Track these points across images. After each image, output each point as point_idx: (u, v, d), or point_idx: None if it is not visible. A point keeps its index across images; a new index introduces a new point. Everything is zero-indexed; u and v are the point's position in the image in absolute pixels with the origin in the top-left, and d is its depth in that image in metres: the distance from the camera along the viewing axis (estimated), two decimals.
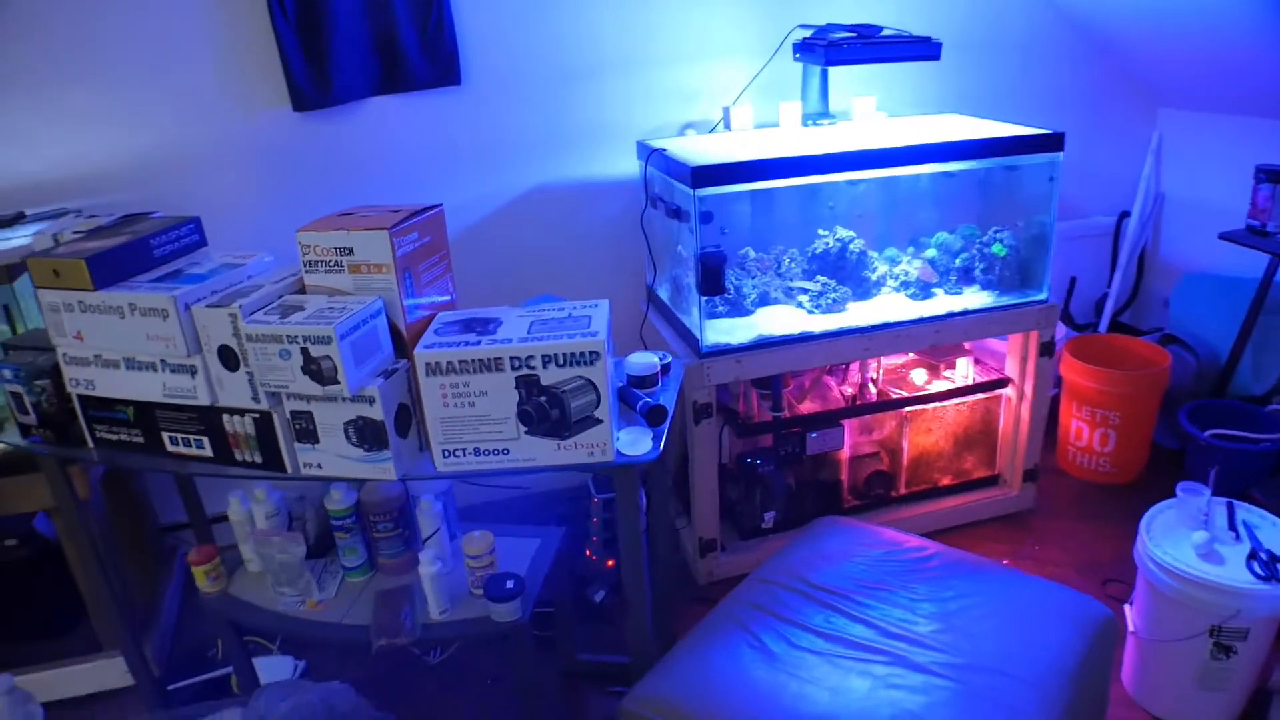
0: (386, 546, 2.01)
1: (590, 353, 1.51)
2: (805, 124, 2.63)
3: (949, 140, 2.32)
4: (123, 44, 2.29)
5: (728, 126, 2.67)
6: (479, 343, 1.54)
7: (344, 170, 2.54)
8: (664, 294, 2.63)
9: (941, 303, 2.51)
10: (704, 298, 2.24)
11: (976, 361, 2.77)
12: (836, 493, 2.64)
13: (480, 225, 2.70)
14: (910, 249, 2.70)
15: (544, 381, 1.53)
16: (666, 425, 1.69)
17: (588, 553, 2.54)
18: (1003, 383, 2.66)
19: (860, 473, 2.66)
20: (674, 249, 2.47)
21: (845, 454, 2.61)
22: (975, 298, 2.54)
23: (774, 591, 1.85)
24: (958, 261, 2.60)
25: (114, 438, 1.79)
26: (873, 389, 2.67)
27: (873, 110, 2.76)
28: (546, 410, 1.55)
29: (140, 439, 1.77)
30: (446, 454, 1.60)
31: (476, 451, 1.60)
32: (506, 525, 2.17)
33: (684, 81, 2.71)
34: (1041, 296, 2.53)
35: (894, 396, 2.60)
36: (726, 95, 2.74)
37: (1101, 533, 2.64)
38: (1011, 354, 2.66)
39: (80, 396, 1.77)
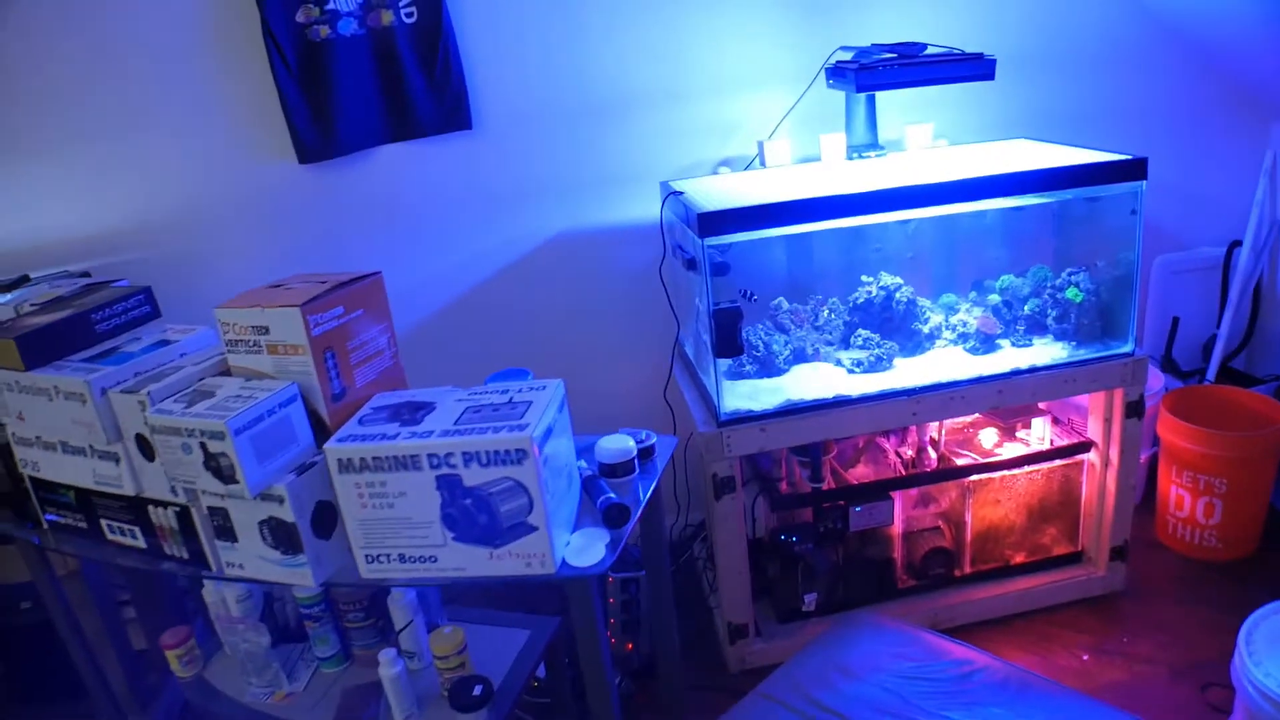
0: (359, 637, 1.80)
1: (516, 451, 1.23)
2: (850, 157, 2.28)
3: (1004, 172, 1.93)
4: (126, 102, 2.18)
5: (763, 163, 2.35)
6: (396, 436, 1.28)
7: (354, 222, 2.37)
8: (690, 351, 2.32)
9: (1006, 357, 2.12)
10: (719, 359, 1.92)
11: (1055, 421, 2.34)
12: (889, 573, 2.26)
13: (497, 278, 2.48)
14: (972, 294, 2.31)
15: (467, 482, 1.27)
16: (630, 527, 1.39)
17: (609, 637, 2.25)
18: (1084, 447, 2.23)
19: (918, 549, 2.27)
20: (692, 303, 2.16)
21: (898, 529, 2.24)
22: (1047, 350, 2.13)
23: (770, 711, 1.53)
24: (1026, 309, 2.20)
25: (62, 520, 1.64)
26: (932, 453, 2.28)
27: (928, 139, 2.38)
28: (473, 515, 1.28)
29: (84, 524, 1.61)
30: (370, 559, 1.36)
31: (401, 558, 1.35)
32: (498, 612, 1.91)
33: (719, 114, 2.41)
34: (1126, 349, 2.10)
35: (956, 463, 2.21)
36: (766, 128, 2.42)
37: (1204, 623, 2.16)
38: (1094, 414, 2.23)
39: (30, 477, 1.62)
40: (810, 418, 1.98)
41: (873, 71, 2.00)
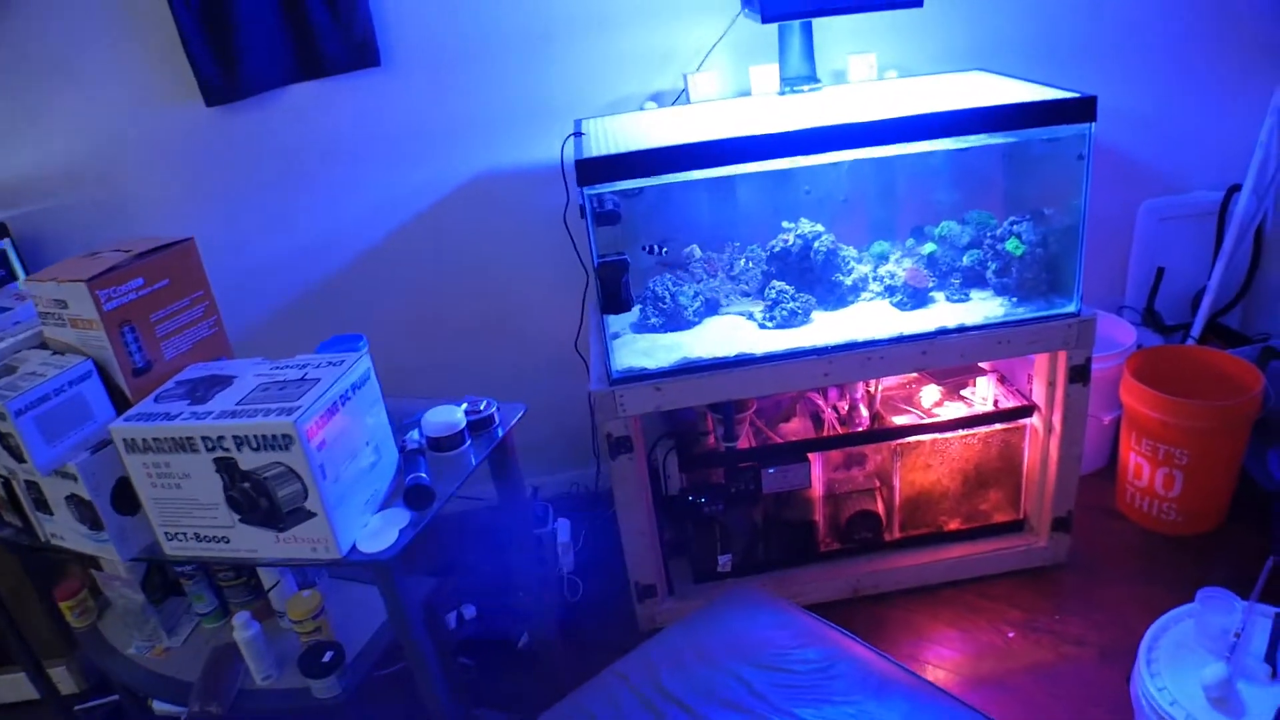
0: (234, 595, 1.79)
1: (283, 436, 1.15)
2: (783, 91, 2.09)
3: (925, 112, 1.73)
4: (27, 54, 2.11)
5: (689, 99, 2.18)
6: (177, 417, 1.22)
7: (266, 166, 2.29)
8: None
9: (937, 314, 1.95)
10: (606, 315, 1.81)
11: (1002, 380, 2.17)
12: (810, 535, 2.16)
13: (412, 224, 2.38)
14: (909, 241, 2.12)
15: (244, 466, 1.20)
16: (435, 509, 1.31)
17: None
18: (1025, 411, 2.06)
19: (842, 512, 2.15)
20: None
21: (818, 491, 2.12)
22: (984, 307, 1.96)
23: (616, 693, 1.48)
24: (965, 260, 2.01)
25: None
26: (864, 411, 2.14)
27: (871, 70, 2.16)
28: (253, 498, 1.22)
29: None
30: (169, 537, 1.32)
31: (198, 537, 1.30)
32: None
33: (648, 44, 2.23)
34: (1070, 308, 1.91)
35: (892, 422, 2.07)
36: (699, 59, 2.23)
37: (1147, 602, 2.01)
38: (1038, 376, 2.06)
39: None
40: (709, 377, 1.86)
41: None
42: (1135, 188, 2.47)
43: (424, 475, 1.33)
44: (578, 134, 1.95)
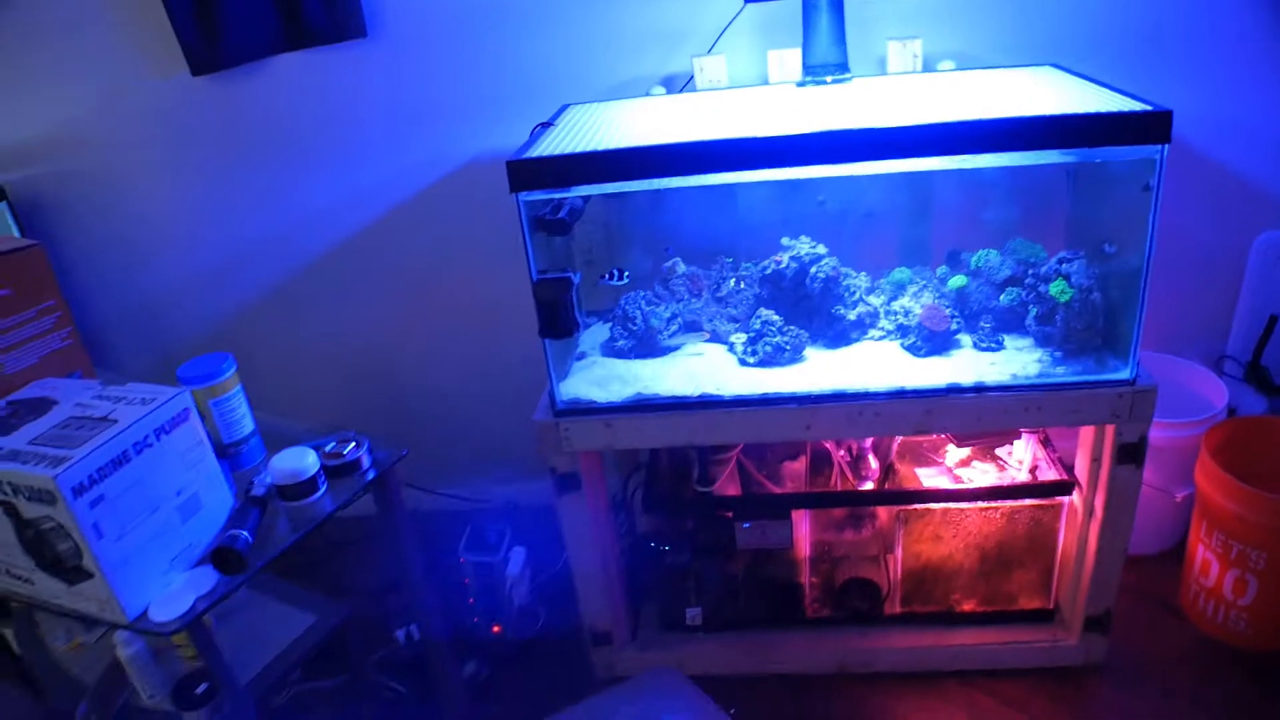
0: None
1: (45, 491, 0.98)
2: (804, 81, 1.76)
3: (930, 123, 1.38)
4: (20, 16, 2.03)
5: (695, 85, 1.87)
6: None
7: (253, 139, 2.15)
8: None
9: (960, 363, 1.61)
10: (546, 340, 1.56)
11: (1045, 442, 1.81)
12: (795, 598, 1.87)
13: (403, 210, 2.17)
14: (942, 269, 1.77)
15: (24, 514, 1.03)
16: (248, 575, 1.12)
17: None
18: (1063, 487, 1.70)
19: (837, 575, 1.86)
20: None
21: (804, 552, 1.82)
22: (1017, 360, 1.60)
23: None
24: (1002, 299, 1.65)
25: None
26: (873, 462, 1.83)
27: (917, 60, 1.80)
28: (39, 548, 1.06)
29: None
30: None
31: (8, 573, 1.15)
32: (302, 591, 1.73)
33: (663, 21, 1.94)
34: (1123, 375, 1.53)
35: (905, 477, 1.78)
36: (724, 35, 1.92)
37: None
38: (1083, 447, 1.69)
39: None
40: (668, 418, 1.60)
41: None
42: (1251, 217, 2.01)
43: (244, 533, 1.13)
44: (547, 124, 1.69)
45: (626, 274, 1.65)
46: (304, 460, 1.23)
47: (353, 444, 1.34)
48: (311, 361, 2.39)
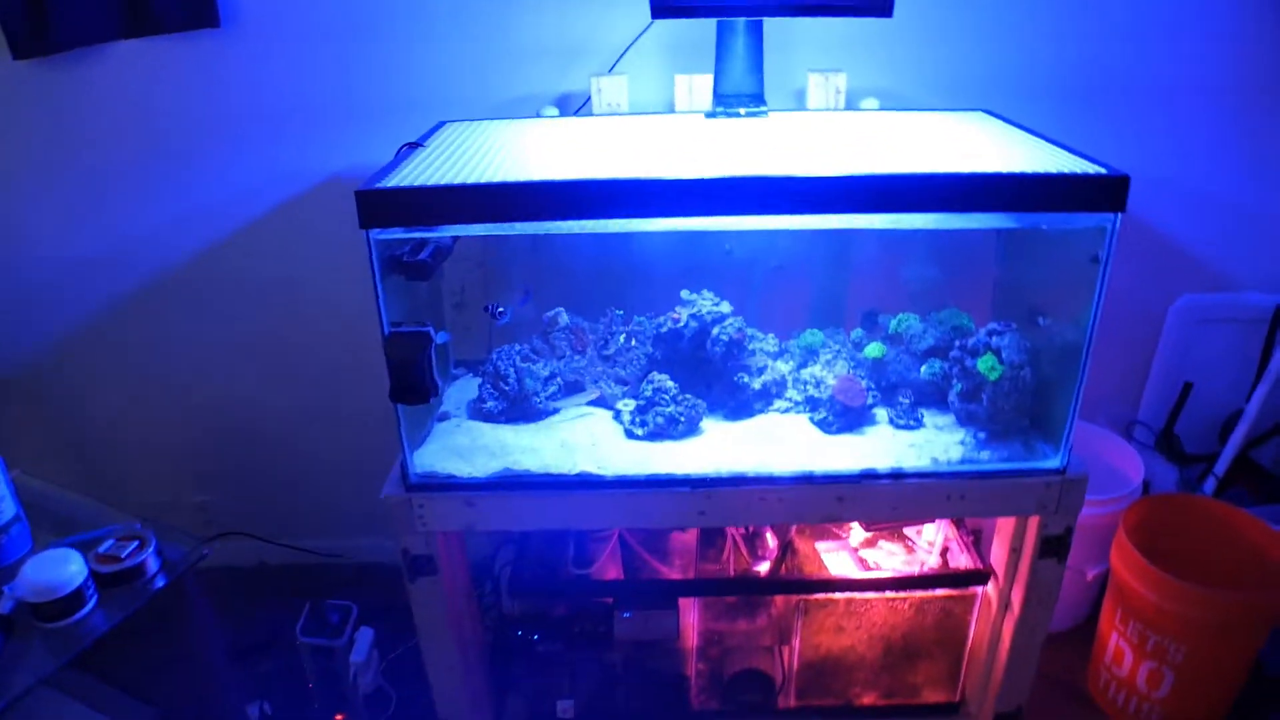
0: None
1: None
2: (713, 112, 1.52)
3: (882, 173, 1.17)
4: None
5: (590, 109, 1.62)
6: None
7: (91, 136, 1.78)
8: None
9: (875, 443, 1.40)
10: (398, 404, 1.28)
11: (959, 523, 1.62)
12: (681, 690, 1.63)
13: (251, 230, 1.84)
14: (857, 332, 1.57)
15: None
16: None
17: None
18: (976, 577, 1.52)
19: (727, 665, 1.63)
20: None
21: (694, 642, 1.59)
22: (938, 441, 1.41)
23: None
24: (923, 371, 1.45)
25: None
26: (771, 541, 1.61)
27: (839, 96, 1.59)
28: None
29: None
30: None
31: None
32: (123, 695, 1.40)
33: (563, 32, 1.67)
34: (1054, 463, 1.35)
35: (804, 557, 1.56)
36: (628, 55, 1.67)
37: None
38: (1000, 534, 1.51)
39: None
40: (538, 498, 1.34)
41: None
42: (1168, 278, 1.89)
43: None
44: (415, 144, 1.41)
45: (502, 310, 1.39)
46: (64, 570, 0.92)
47: (136, 543, 1.03)
48: (147, 399, 2.03)
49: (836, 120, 1.53)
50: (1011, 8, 1.66)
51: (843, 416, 1.42)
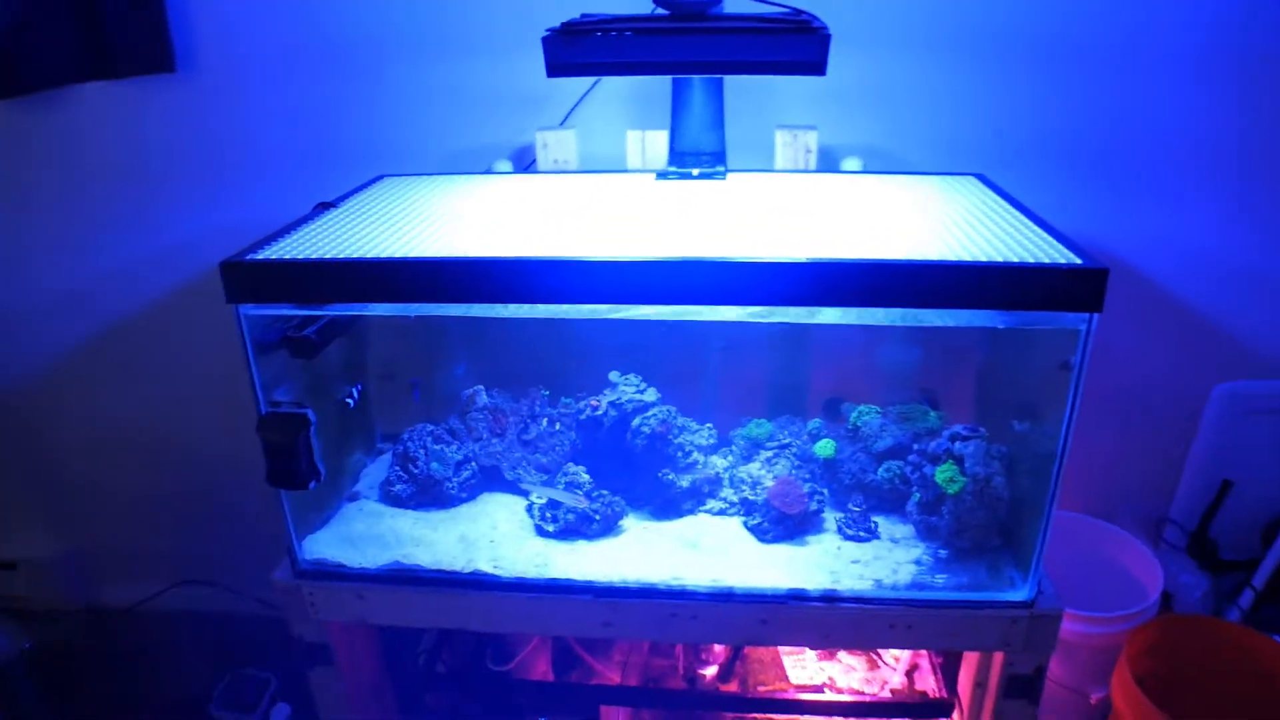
0: None
1: None
2: (665, 174, 1.36)
3: (787, 261, 0.99)
4: None
5: (536, 166, 1.47)
6: None
7: (53, 180, 1.73)
8: None
9: (815, 557, 1.21)
10: (280, 489, 1.15)
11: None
12: None
13: (209, 275, 1.75)
14: (815, 423, 1.37)
15: None
16: None
17: None
18: (936, 708, 1.29)
19: None
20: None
21: None
22: (889, 558, 1.20)
23: None
24: (880, 473, 1.25)
25: None
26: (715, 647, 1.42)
27: (810, 156, 1.40)
28: None
29: None
30: None
31: None
32: None
33: (520, 83, 1.53)
34: (1019, 596, 1.12)
35: (745, 672, 1.35)
36: (583, 107, 1.52)
37: None
38: (966, 665, 1.28)
39: None
40: (432, 595, 1.20)
41: (573, 45, 1.07)
42: (1208, 364, 1.61)
43: None
44: (329, 204, 1.29)
45: (355, 395, 1.26)
46: None
47: None
48: (108, 440, 1.97)
49: (798, 184, 1.34)
50: (1018, 57, 1.43)
51: (780, 524, 1.22)
